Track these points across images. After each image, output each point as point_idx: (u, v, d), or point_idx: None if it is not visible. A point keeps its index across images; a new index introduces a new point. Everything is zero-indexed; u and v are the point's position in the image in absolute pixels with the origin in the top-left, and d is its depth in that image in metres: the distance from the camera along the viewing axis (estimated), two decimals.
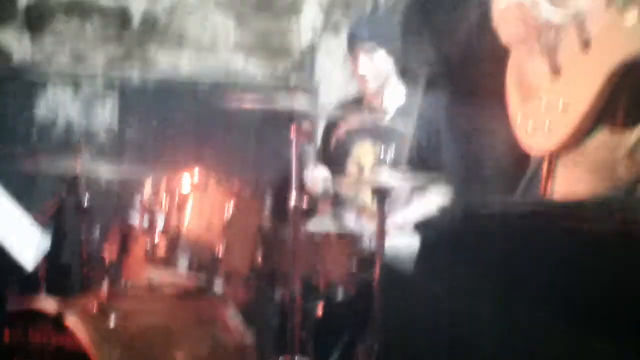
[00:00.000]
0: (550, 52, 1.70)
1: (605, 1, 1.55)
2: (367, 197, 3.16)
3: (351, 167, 3.27)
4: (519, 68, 1.83)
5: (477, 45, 3.82)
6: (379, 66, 3.18)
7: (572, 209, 0.89)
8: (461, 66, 3.94)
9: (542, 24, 1.67)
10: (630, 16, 1.50)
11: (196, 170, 2.56)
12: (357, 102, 3.42)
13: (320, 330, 2.63)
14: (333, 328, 2.75)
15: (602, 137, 1.65)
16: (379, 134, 3.17)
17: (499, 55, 1.94)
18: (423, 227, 2.86)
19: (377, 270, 2.32)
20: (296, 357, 2.36)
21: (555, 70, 1.70)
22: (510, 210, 0.94)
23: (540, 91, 1.74)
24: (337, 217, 3.19)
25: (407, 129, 3.13)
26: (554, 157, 1.78)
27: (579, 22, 1.62)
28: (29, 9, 3.51)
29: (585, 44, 1.60)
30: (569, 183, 1.74)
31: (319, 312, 2.61)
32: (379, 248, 2.38)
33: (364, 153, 3.27)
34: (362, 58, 3.18)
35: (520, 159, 3.11)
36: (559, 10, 1.67)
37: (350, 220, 2.98)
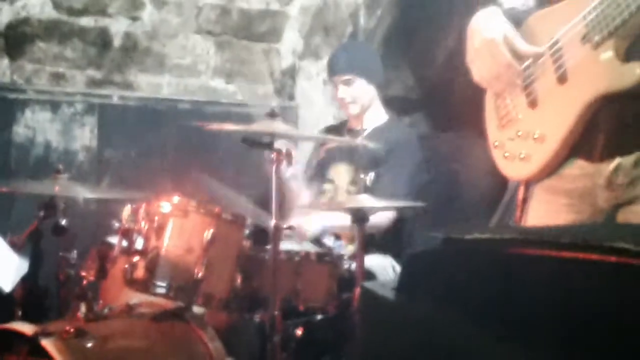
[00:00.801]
0: (526, 87, 1.72)
1: (580, 37, 1.58)
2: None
3: (327, 188, 3.29)
4: (496, 98, 1.85)
5: (457, 71, 3.87)
6: (358, 93, 3.22)
7: (551, 236, 0.91)
8: (440, 91, 4.00)
9: (513, 63, 1.69)
10: (605, 53, 1.53)
11: (176, 192, 2.55)
12: (340, 127, 3.46)
13: (301, 352, 2.62)
14: (313, 349, 2.74)
15: (581, 166, 1.67)
16: (354, 156, 3.19)
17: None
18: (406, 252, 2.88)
19: (357, 291, 2.32)
20: None
21: (532, 103, 1.72)
22: (494, 237, 0.95)
23: (516, 121, 1.76)
24: (316, 239, 3.19)
25: (385, 153, 3.15)
26: (530, 184, 1.80)
27: (556, 57, 1.65)
28: (8, 30, 3.51)
29: (561, 79, 1.63)
30: (547, 210, 1.76)
31: (299, 333, 2.60)
32: (359, 268, 2.39)
33: (337, 174, 3.30)
34: (341, 87, 3.22)
35: (499, 185, 3.15)
36: (533, 46, 1.69)
37: (329, 242, 2.99)
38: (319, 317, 2.67)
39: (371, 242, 3.00)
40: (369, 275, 2.80)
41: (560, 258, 0.83)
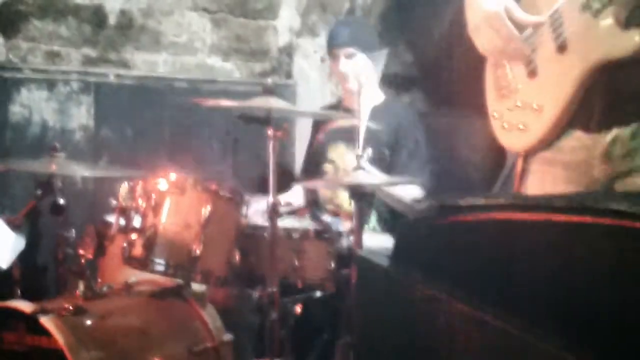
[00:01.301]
0: (526, 57, 1.72)
1: (580, 6, 1.57)
2: (344, 198, 3.18)
3: (327, 168, 3.29)
4: (496, 68, 1.85)
5: (454, 48, 3.85)
6: (359, 67, 3.19)
7: (549, 201, 0.90)
8: (438, 68, 3.98)
9: (515, 34, 1.68)
10: (605, 20, 1.52)
11: (173, 170, 2.54)
12: (337, 107, 3.44)
13: (299, 329, 2.63)
14: (312, 326, 2.75)
15: (578, 138, 1.66)
16: (354, 136, 3.17)
17: (476, 58, 1.95)
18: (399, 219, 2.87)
19: (355, 268, 2.32)
20: None
21: (532, 73, 1.72)
22: (489, 203, 0.95)
23: (515, 92, 1.76)
24: (314, 217, 3.20)
25: (383, 131, 3.14)
26: (528, 156, 1.80)
27: (555, 26, 1.64)
28: (2, 8, 3.48)
29: (561, 48, 1.62)
30: (544, 182, 1.76)
31: (298, 310, 2.61)
32: (357, 245, 2.39)
33: (338, 155, 3.29)
34: (343, 59, 3.20)
35: (497, 160, 3.15)
36: (533, 16, 1.69)
37: (327, 219, 2.99)
38: (318, 294, 2.67)
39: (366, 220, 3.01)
40: None
41: (556, 222, 0.82)
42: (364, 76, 3.16)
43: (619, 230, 0.74)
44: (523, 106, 1.72)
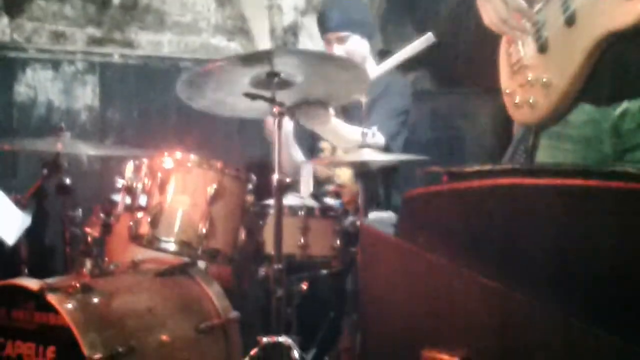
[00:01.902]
0: (536, 32, 1.72)
1: None
2: (344, 175, 3.17)
3: (324, 145, 3.27)
4: (509, 46, 1.85)
5: (460, 27, 3.83)
6: (353, 49, 3.15)
7: (555, 166, 0.90)
8: (444, 47, 3.96)
9: (522, 6, 1.68)
10: None
11: (178, 149, 2.54)
12: None
13: (306, 307, 2.64)
14: (318, 304, 2.76)
15: (587, 112, 1.66)
16: (351, 113, 3.15)
17: (482, 37, 1.95)
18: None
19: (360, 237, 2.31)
20: (280, 338, 2.36)
21: (542, 48, 1.71)
22: (495, 169, 0.94)
23: (526, 67, 1.76)
24: (316, 198, 3.19)
25: (380, 110, 3.12)
26: (538, 131, 1.80)
27: (564, 0, 1.63)
28: None
29: (569, 21, 1.61)
30: (554, 157, 1.76)
31: (304, 288, 2.61)
32: (362, 222, 2.39)
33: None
34: (336, 45, 3.16)
35: (503, 137, 3.13)
36: None
37: (329, 201, 2.98)
38: (324, 271, 2.68)
39: (372, 198, 2.99)
40: None
41: (562, 186, 0.82)
42: (359, 57, 3.13)
43: (626, 191, 0.73)
44: (533, 81, 1.72)
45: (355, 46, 3.15)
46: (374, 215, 2.76)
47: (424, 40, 2.93)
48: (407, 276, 1.02)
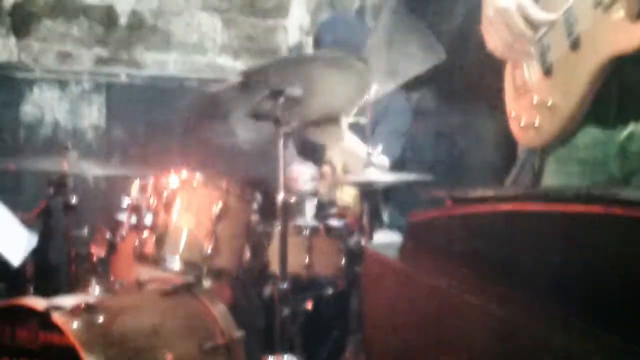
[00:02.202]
0: (541, 55, 1.72)
1: (592, 2, 1.57)
2: (347, 196, 3.17)
3: (325, 170, 3.26)
4: (514, 68, 1.85)
5: (465, 46, 3.84)
6: None
7: (557, 192, 0.90)
8: (448, 66, 3.97)
9: (526, 32, 1.68)
10: (615, 14, 1.51)
11: (184, 168, 2.56)
12: None
13: (310, 326, 2.63)
14: (322, 323, 2.75)
15: (593, 134, 1.66)
16: (358, 132, 3.15)
17: (487, 56, 1.96)
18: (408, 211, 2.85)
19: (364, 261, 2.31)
20: (285, 357, 2.35)
21: (547, 71, 1.72)
22: (498, 194, 0.95)
23: (532, 90, 1.77)
24: (320, 219, 3.19)
25: (382, 130, 3.12)
26: (544, 153, 1.80)
27: (568, 24, 1.64)
28: (14, 10, 3.51)
29: (574, 45, 1.62)
30: (559, 180, 1.76)
31: (309, 307, 2.61)
32: (367, 242, 2.39)
33: (333, 155, 3.27)
34: None
35: (507, 157, 3.14)
36: (547, 14, 1.68)
37: (334, 222, 2.98)
38: (329, 291, 2.68)
39: (376, 218, 2.99)
40: None
41: (565, 212, 0.82)
42: None
43: (629, 219, 0.74)
44: (539, 104, 1.73)
45: None
46: (379, 236, 2.76)
47: (433, 58, 2.95)
48: (410, 300, 1.02)
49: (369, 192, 2.65)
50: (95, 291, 2.38)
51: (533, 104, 1.74)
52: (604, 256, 0.77)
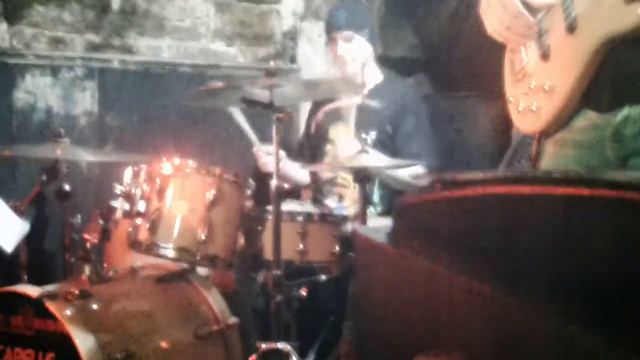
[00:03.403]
0: (539, 39, 1.72)
1: None
2: (347, 180, 3.18)
3: (327, 148, 3.27)
4: (512, 54, 1.85)
5: (460, 31, 3.83)
6: (357, 50, 3.18)
7: (545, 174, 0.90)
8: (444, 51, 3.96)
9: (524, 14, 1.68)
10: None
11: (177, 154, 2.55)
12: None
13: (305, 312, 2.63)
14: (318, 310, 2.75)
15: (589, 118, 1.66)
16: (355, 116, 3.16)
17: (481, 41, 1.95)
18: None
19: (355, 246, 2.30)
20: (279, 344, 2.35)
21: (544, 55, 1.71)
22: (486, 177, 0.94)
23: (529, 75, 1.76)
24: (317, 201, 3.20)
25: (384, 108, 3.12)
26: (542, 137, 1.80)
27: (565, 7, 1.63)
28: None
29: (570, 28, 1.61)
30: (557, 163, 1.76)
31: (303, 293, 2.61)
32: (357, 228, 2.38)
33: (337, 134, 3.28)
34: (341, 43, 3.19)
35: (501, 142, 3.13)
36: None
37: (332, 204, 2.99)
38: (323, 277, 2.67)
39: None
40: None
41: (553, 195, 0.82)
42: (362, 58, 3.15)
43: (615, 200, 0.73)
44: (536, 88, 1.73)
45: (360, 47, 3.19)
46: (374, 221, 2.76)
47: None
48: (401, 283, 1.02)
49: (364, 178, 2.64)
50: (89, 278, 2.37)
51: (531, 88, 1.73)
52: (590, 237, 0.76)
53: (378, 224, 2.93)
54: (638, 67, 1.56)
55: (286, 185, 2.40)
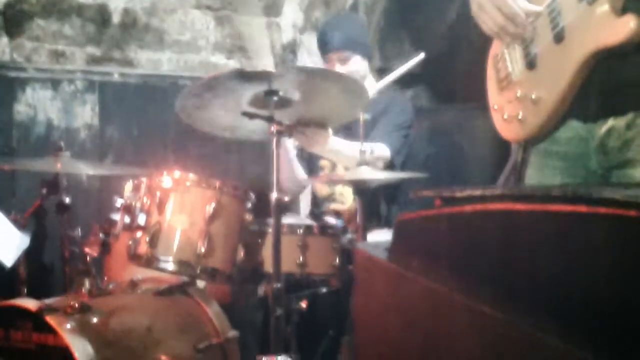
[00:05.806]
0: (525, 48, 1.72)
1: None
2: (347, 192, 3.17)
3: (323, 164, 3.26)
4: (497, 61, 1.85)
5: (457, 44, 3.84)
6: (355, 69, 3.14)
7: (544, 191, 0.90)
8: (442, 64, 3.97)
9: (519, 13, 1.68)
10: (600, 7, 1.51)
11: (177, 168, 2.55)
12: None
13: (305, 325, 2.63)
14: (317, 322, 2.75)
15: (574, 129, 1.67)
16: (351, 130, 3.14)
17: (479, 53, 1.96)
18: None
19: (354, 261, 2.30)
20: (279, 357, 2.35)
21: (530, 64, 1.72)
22: (486, 194, 0.95)
23: (515, 83, 1.77)
24: (315, 217, 3.18)
25: (382, 125, 3.12)
26: (527, 147, 1.80)
27: (553, 16, 1.64)
28: (6, 8, 3.49)
29: (558, 38, 1.62)
30: (542, 175, 1.76)
31: (303, 306, 2.61)
32: (361, 240, 2.38)
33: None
34: (338, 65, 3.16)
35: (500, 154, 3.14)
36: (533, 6, 1.69)
37: (330, 220, 2.98)
38: (323, 290, 2.67)
39: (371, 216, 2.99)
40: None
41: (551, 212, 0.82)
42: (359, 76, 3.12)
43: (613, 218, 0.74)
44: (522, 97, 1.73)
45: (357, 66, 3.15)
46: (374, 235, 2.76)
47: (416, 59, 3.00)
48: (399, 300, 1.02)
49: (362, 190, 2.64)
50: (88, 291, 2.37)
51: (516, 96, 1.73)
52: (589, 255, 0.77)
53: (378, 238, 2.95)
54: (624, 78, 1.57)
55: (287, 198, 2.40)
